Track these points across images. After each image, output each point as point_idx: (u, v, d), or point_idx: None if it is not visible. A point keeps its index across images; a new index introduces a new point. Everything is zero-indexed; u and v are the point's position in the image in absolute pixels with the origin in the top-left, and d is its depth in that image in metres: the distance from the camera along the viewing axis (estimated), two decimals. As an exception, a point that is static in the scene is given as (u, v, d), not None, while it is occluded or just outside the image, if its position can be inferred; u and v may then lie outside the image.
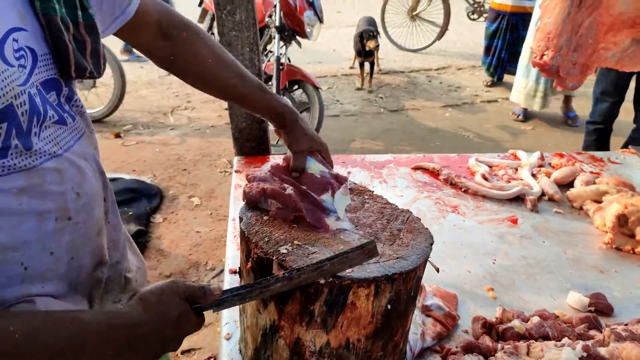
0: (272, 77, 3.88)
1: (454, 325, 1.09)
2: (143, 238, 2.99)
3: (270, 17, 4.16)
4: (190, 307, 0.73)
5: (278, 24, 3.90)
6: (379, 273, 0.77)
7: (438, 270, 0.94)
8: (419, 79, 6.55)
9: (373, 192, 1.04)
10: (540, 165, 1.86)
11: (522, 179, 1.75)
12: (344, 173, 1.77)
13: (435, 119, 5.16)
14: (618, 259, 1.37)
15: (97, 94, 4.61)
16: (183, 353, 2.13)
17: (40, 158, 0.72)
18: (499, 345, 0.99)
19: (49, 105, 0.74)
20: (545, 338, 1.00)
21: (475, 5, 7.79)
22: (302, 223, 0.88)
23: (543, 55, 1.73)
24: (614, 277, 1.30)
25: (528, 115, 5.10)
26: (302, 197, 0.91)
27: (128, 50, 6.53)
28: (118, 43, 5.89)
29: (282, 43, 4.05)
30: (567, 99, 5.04)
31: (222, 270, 2.63)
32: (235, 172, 1.73)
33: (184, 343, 2.16)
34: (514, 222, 1.53)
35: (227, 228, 1.47)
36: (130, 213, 3.13)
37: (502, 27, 5.56)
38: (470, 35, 8.39)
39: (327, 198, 0.94)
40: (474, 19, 7.91)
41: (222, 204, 3.41)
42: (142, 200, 3.31)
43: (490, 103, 5.64)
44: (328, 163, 1.06)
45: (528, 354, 0.90)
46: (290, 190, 0.90)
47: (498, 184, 1.67)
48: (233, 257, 1.30)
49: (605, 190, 1.58)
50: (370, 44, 5.51)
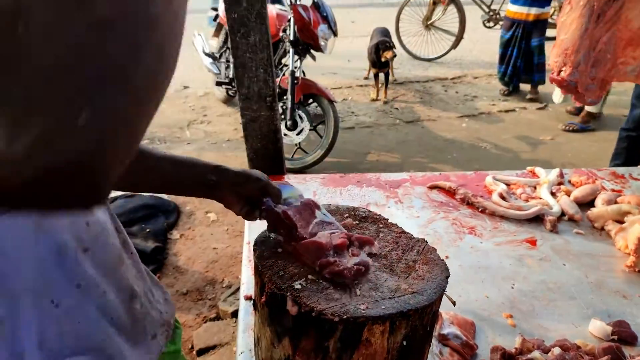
0: (286, 91, 3.90)
1: (472, 355, 1.07)
2: (161, 255, 3.01)
3: (285, 31, 4.19)
4: None
5: (292, 39, 3.93)
6: (394, 310, 0.75)
7: (454, 304, 0.92)
8: (435, 89, 6.52)
9: (388, 220, 1.03)
10: (560, 183, 1.83)
11: (541, 198, 1.72)
12: (360, 193, 1.76)
13: (452, 130, 5.12)
14: (642, 283, 1.34)
15: (115, 110, 4.68)
16: (200, 372, 2.13)
17: None
18: (519, 378, 0.96)
19: None
20: (567, 370, 0.97)
21: (491, 13, 7.74)
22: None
23: (560, 72, 1.71)
24: (638, 302, 1.26)
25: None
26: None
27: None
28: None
29: (296, 57, 4.07)
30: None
31: (238, 288, 2.63)
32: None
33: (201, 361, 2.16)
34: (533, 243, 1.50)
35: (242, 244, 1.48)
36: (148, 230, 3.15)
37: (517, 35, 5.52)
38: (486, 44, 8.33)
39: (319, 214, 0.95)
40: (490, 27, 7.86)
41: (238, 220, 3.42)
42: (159, 217, 3.33)
43: (508, 113, 5.58)
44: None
45: (549, 390, 0.88)
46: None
47: (516, 204, 1.65)
48: (248, 282, 1.30)
49: (628, 210, 1.55)
50: (387, 55, 5.51)
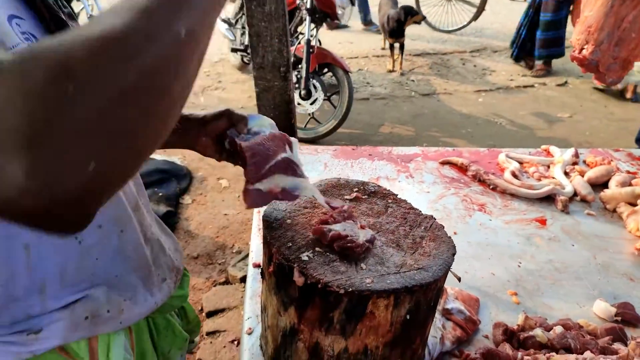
0: (301, 60, 3.86)
1: (475, 330, 1.09)
2: (172, 219, 3.06)
3: (302, -2, 4.12)
4: None
5: (309, 6, 3.86)
6: (399, 285, 0.77)
7: (460, 280, 0.93)
8: (453, 62, 6.40)
9: (397, 195, 1.03)
10: (574, 163, 1.81)
11: (554, 177, 1.70)
12: (371, 166, 1.76)
13: (468, 104, 5.05)
14: (650, 266, 1.34)
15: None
16: (208, 334, 2.20)
17: None
18: (519, 354, 0.98)
19: None
20: (568, 349, 0.98)
21: (515, -16, 7.51)
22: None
23: (582, 49, 1.67)
24: (645, 285, 1.26)
25: None
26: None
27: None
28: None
29: (312, 25, 4.01)
30: None
31: (247, 255, 2.68)
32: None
33: (210, 324, 2.23)
34: (543, 223, 1.49)
35: (253, 212, 1.49)
36: (161, 194, 3.20)
37: (535, 2, 5.34)
38: (509, 16, 8.11)
39: (289, 152, 0.86)
40: (513, -1, 7.65)
41: (249, 187, 3.45)
42: (172, 181, 3.37)
43: (526, 88, 5.48)
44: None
45: (548, 368, 0.89)
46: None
47: (528, 182, 1.64)
48: (257, 251, 1.32)
49: (641, 193, 1.53)
50: (418, 19, 5.40)
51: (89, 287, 0.80)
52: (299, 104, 3.99)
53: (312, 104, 4.04)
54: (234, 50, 5.10)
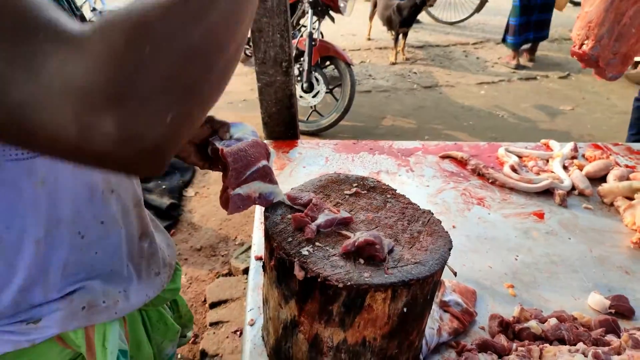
0: (304, 52, 3.86)
1: (471, 322, 1.12)
2: (176, 211, 3.09)
3: (304, -9, 4.11)
4: None
5: (311, -1, 3.86)
6: (397, 279, 0.79)
7: (455, 274, 0.96)
8: (455, 54, 6.39)
9: (396, 190, 1.06)
10: (573, 157, 1.82)
11: (552, 172, 1.72)
12: (372, 160, 1.78)
13: (470, 97, 5.05)
14: (646, 260, 1.36)
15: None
16: (211, 325, 2.23)
17: None
18: (514, 345, 1.01)
19: None
20: (561, 341, 1.01)
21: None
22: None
23: (582, 45, 1.68)
24: (640, 278, 1.29)
25: None
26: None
27: None
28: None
29: (315, 18, 4.01)
30: None
31: (249, 247, 2.71)
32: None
33: (213, 315, 2.27)
34: (541, 216, 1.52)
35: (255, 205, 1.52)
36: (164, 186, 3.23)
37: None
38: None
39: (265, 162, 0.89)
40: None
41: (252, 180, 3.48)
42: (175, 174, 3.40)
43: (529, 81, 5.47)
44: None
45: (540, 358, 0.92)
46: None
47: (527, 176, 1.66)
48: (259, 244, 1.34)
49: (638, 188, 1.55)
50: (431, 2, 5.42)
51: (86, 278, 0.84)
52: (301, 97, 4.01)
53: (314, 97, 4.05)
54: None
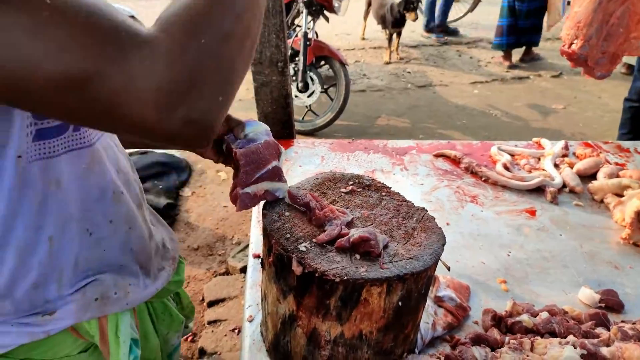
0: (298, 52, 3.88)
1: (465, 316, 1.14)
2: (172, 211, 3.10)
3: (299, -9, 4.13)
4: None
5: (306, -1, 3.88)
6: (392, 273, 0.82)
7: (449, 269, 0.98)
8: (449, 53, 6.43)
9: (390, 188, 1.08)
10: (564, 155, 1.86)
11: (544, 169, 1.75)
12: (367, 159, 1.81)
13: (464, 96, 5.09)
14: (635, 255, 1.39)
15: (128, 67, 4.71)
16: (210, 323, 2.25)
17: (95, 137, 0.81)
18: (507, 339, 1.03)
19: None
20: (552, 334, 1.04)
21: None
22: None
23: (572, 44, 1.71)
24: (629, 273, 1.32)
25: None
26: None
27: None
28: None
29: (309, 18, 4.03)
30: None
31: (247, 246, 2.73)
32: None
33: (211, 314, 2.29)
34: (532, 213, 1.55)
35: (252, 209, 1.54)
36: (161, 187, 3.24)
37: None
38: (505, 7, 8.12)
39: (276, 163, 0.93)
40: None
41: (248, 179, 3.49)
42: (171, 174, 3.42)
43: (522, 80, 5.52)
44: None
45: (532, 350, 0.95)
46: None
47: (519, 174, 1.69)
48: (256, 242, 1.37)
49: (628, 185, 1.58)
50: (411, 17, 5.42)
51: (97, 272, 0.86)
52: (297, 97, 4.03)
53: (309, 97, 4.07)
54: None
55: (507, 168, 1.73)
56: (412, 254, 0.87)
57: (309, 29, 3.98)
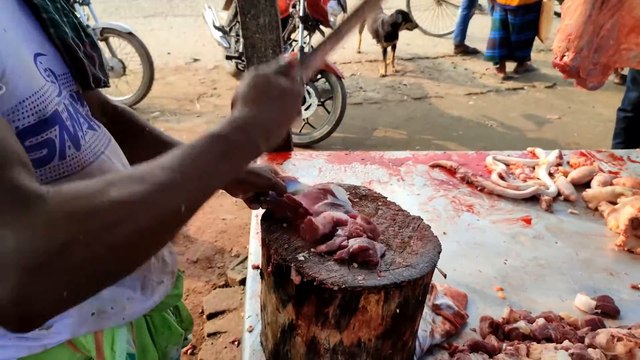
0: (295, 66, 3.93)
1: (463, 324, 1.16)
2: (171, 225, 3.11)
3: (294, 7, 4.19)
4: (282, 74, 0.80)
5: (302, 14, 3.94)
6: (389, 281, 0.83)
7: (445, 277, 1.00)
8: (444, 65, 6.50)
9: (386, 198, 1.10)
10: (559, 164, 1.88)
11: (538, 178, 1.78)
12: (364, 170, 1.83)
13: (459, 107, 5.14)
14: (629, 262, 1.41)
15: (126, 82, 4.75)
16: (209, 336, 2.25)
17: (90, 157, 0.80)
18: (504, 345, 1.05)
19: (80, 115, 0.82)
20: (549, 339, 1.05)
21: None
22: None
23: (563, 56, 1.74)
24: (624, 279, 1.34)
25: None
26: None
27: None
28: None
29: (305, 33, 4.09)
30: None
31: (245, 258, 2.73)
32: (259, 168, 1.81)
33: (211, 326, 2.29)
34: (528, 222, 1.57)
35: (250, 216, 1.56)
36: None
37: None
38: (498, 19, 8.23)
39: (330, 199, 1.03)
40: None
41: (246, 192, 3.51)
42: (169, 188, 3.43)
43: (516, 91, 5.58)
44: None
45: (528, 355, 0.96)
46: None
47: (514, 184, 1.71)
48: (255, 253, 1.38)
49: (621, 192, 1.61)
50: (409, 26, 5.51)
51: None
52: (294, 110, 4.06)
53: (306, 110, 4.11)
54: (229, 58, 5.17)
55: (502, 177, 1.75)
56: (408, 262, 0.89)
57: (305, 44, 4.03)
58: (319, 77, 4.23)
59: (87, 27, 0.85)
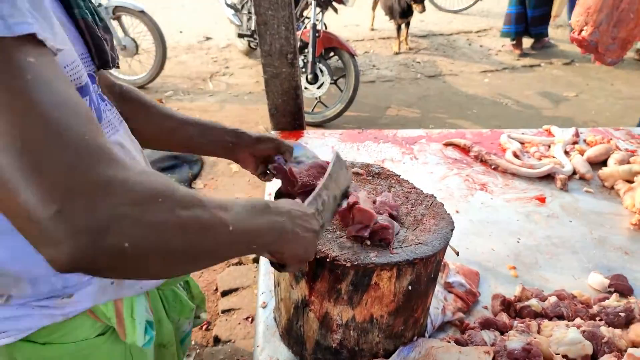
0: (308, 44, 3.89)
1: (474, 302, 1.16)
2: (185, 203, 3.15)
3: (307, -17, 4.13)
4: None
5: (314, -9, 3.87)
6: (401, 258, 0.84)
7: (458, 254, 1.00)
8: (459, 42, 6.38)
9: (400, 176, 1.10)
10: (575, 142, 1.86)
11: (554, 157, 1.75)
12: (377, 149, 1.82)
13: (474, 85, 5.06)
14: (644, 241, 1.39)
15: (139, 61, 4.75)
16: (223, 312, 2.29)
17: (110, 130, 0.83)
18: (515, 323, 1.05)
19: (96, 93, 0.84)
20: (560, 317, 1.06)
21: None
22: None
23: (582, 31, 1.70)
24: (639, 258, 1.33)
25: None
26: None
27: None
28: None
29: (318, 9, 4.03)
30: None
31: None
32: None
33: (225, 303, 2.33)
34: (542, 200, 1.55)
35: (264, 195, 1.57)
36: (174, 179, 3.29)
37: None
38: (515, -6, 8.02)
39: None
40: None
41: (259, 171, 3.52)
42: (183, 167, 3.46)
43: (533, 68, 5.47)
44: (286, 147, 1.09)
45: (539, 332, 0.96)
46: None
47: (528, 162, 1.69)
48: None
49: (638, 171, 1.58)
50: (418, 8, 5.40)
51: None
52: (306, 89, 4.04)
53: (318, 88, 4.08)
54: (241, 36, 5.13)
55: (516, 156, 1.73)
56: (421, 239, 0.89)
57: (318, 21, 3.97)
58: (332, 55, 4.19)
59: (99, 5, 0.85)
